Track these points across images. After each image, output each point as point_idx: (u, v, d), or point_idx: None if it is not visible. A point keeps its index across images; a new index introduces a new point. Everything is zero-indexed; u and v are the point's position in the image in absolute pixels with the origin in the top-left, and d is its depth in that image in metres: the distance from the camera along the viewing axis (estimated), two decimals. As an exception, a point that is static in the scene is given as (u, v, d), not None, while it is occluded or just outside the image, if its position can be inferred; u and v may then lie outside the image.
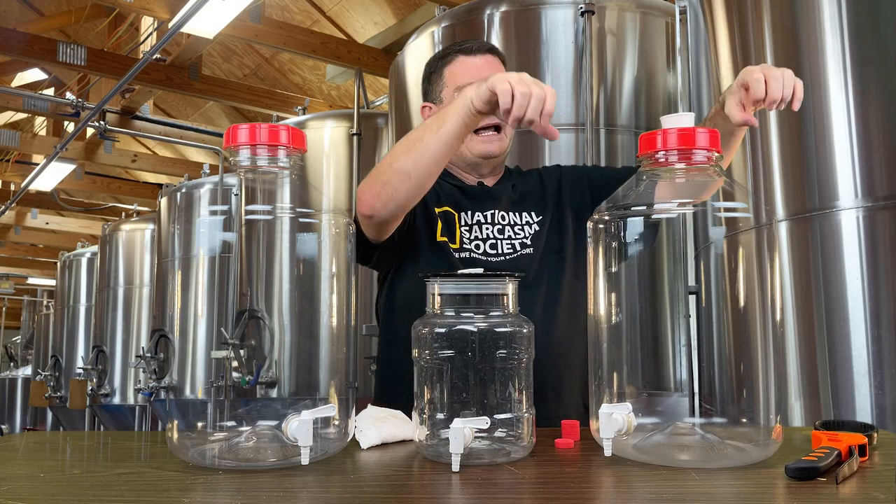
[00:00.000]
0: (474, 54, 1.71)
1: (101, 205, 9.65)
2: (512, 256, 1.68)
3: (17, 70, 7.59)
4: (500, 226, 1.70)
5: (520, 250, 1.68)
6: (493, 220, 1.70)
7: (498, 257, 1.67)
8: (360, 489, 0.93)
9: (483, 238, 1.68)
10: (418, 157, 1.42)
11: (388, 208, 1.47)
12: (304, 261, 1.11)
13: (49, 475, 0.98)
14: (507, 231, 1.70)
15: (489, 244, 1.68)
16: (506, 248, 1.68)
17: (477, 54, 1.71)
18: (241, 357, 1.08)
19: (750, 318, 1.06)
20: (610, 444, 1.01)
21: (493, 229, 1.69)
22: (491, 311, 1.06)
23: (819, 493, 0.84)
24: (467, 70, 1.70)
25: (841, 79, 2.03)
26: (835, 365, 1.94)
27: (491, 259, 1.66)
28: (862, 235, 1.97)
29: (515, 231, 1.70)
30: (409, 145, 1.44)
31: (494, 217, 1.70)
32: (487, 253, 1.67)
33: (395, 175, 1.44)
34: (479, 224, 1.69)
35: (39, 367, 8.53)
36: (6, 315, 13.35)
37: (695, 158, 1.06)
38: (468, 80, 1.67)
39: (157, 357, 5.19)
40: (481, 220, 1.70)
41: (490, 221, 1.70)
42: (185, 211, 5.32)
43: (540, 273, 1.66)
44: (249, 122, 1.10)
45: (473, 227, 1.69)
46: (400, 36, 5.42)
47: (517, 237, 1.70)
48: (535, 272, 1.65)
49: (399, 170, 1.44)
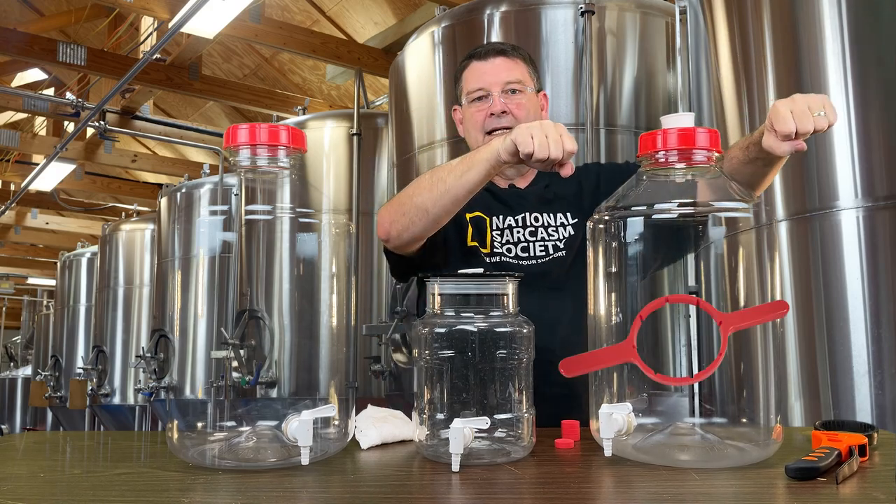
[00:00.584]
0: (484, 58, 1.71)
1: (101, 205, 9.65)
2: (544, 260, 1.66)
3: (17, 70, 7.59)
4: (532, 228, 1.69)
5: (552, 253, 1.67)
6: (525, 222, 1.69)
7: (530, 260, 1.66)
8: (360, 489, 0.93)
9: (514, 241, 1.67)
10: (438, 197, 1.48)
11: (402, 238, 1.55)
12: (304, 261, 1.11)
13: (49, 475, 0.98)
14: (539, 233, 1.68)
15: (521, 247, 1.67)
16: (538, 250, 1.67)
17: (486, 58, 1.71)
18: (241, 357, 1.08)
19: (750, 318, 1.05)
20: (610, 444, 1.01)
21: (525, 232, 1.68)
22: (491, 311, 1.06)
23: (819, 493, 0.84)
24: (477, 75, 1.71)
25: (841, 79, 2.03)
26: (835, 365, 1.94)
27: (523, 262, 1.65)
28: (862, 235, 1.97)
29: (549, 233, 1.69)
30: (433, 184, 1.49)
31: (526, 220, 1.69)
32: (519, 256, 1.66)
33: (414, 209, 1.50)
34: (511, 228, 1.68)
35: (39, 367, 8.53)
36: (6, 315, 13.36)
37: (695, 158, 1.06)
38: (477, 84, 1.70)
39: (157, 357, 5.19)
40: (512, 224, 1.69)
41: (521, 224, 1.69)
42: (185, 211, 5.33)
43: (571, 278, 1.64)
44: (249, 122, 1.10)
45: (505, 231, 1.68)
46: (400, 36, 5.42)
47: (550, 239, 1.68)
48: (566, 278, 1.64)
49: (419, 205, 1.50)
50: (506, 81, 1.69)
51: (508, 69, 1.71)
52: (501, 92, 1.68)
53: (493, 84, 1.69)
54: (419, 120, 3.26)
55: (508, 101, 1.68)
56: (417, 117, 3.27)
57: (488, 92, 1.69)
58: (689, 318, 1.19)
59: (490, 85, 1.69)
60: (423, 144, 3.22)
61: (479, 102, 1.70)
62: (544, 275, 1.63)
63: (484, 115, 1.69)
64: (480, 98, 1.70)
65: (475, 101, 1.71)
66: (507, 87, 1.69)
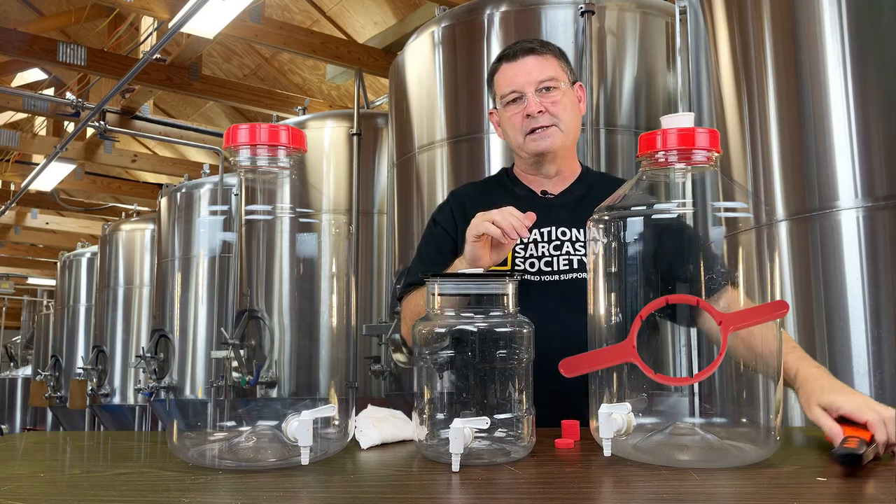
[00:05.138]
0: (513, 60, 1.69)
1: (101, 205, 9.64)
2: (568, 277, 1.64)
3: (17, 70, 7.59)
4: (558, 242, 1.66)
5: (577, 269, 1.64)
6: (550, 237, 1.67)
7: (553, 275, 1.64)
8: (360, 489, 0.93)
9: (538, 256, 1.66)
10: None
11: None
12: (304, 261, 1.11)
13: (49, 475, 0.98)
14: (565, 247, 1.66)
15: (544, 262, 1.65)
16: (562, 264, 1.64)
17: (516, 59, 1.69)
18: (241, 357, 1.08)
19: (750, 318, 1.05)
20: (609, 444, 1.01)
21: (550, 247, 1.66)
22: (491, 311, 1.06)
23: (819, 492, 0.84)
24: (509, 77, 1.69)
25: (841, 79, 2.03)
26: (835, 365, 1.94)
27: (545, 278, 1.63)
28: (862, 235, 1.97)
29: (576, 248, 1.66)
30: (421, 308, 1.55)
31: (552, 234, 1.67)
32: (542, 271, 1.64)
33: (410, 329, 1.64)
34: (536, 242, 1.66)
35: (39, 367, 8.53)
36: (6, 315, 13.35)
37: (694, 158, 1.06)
38: (509, 87, 1.68)
39: (157, 357, 5.19)
40: (538, 239, 1.67)
41: (546, 239, 1.67)
42: (185, 211, 5.33)
43: None
44: (249, 122, 1.10)
45: (529, 246, 1.66)
46: (400, 36, 5.42)
47: (577, 254, 1.65)
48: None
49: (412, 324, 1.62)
50: (538, 80, 1.66)
51: (540, 67, 1.68)
52: (535, 91, 1.66)
53: (525, 85, 1.66)
54: (419, 120, 3.26)
55: (543, 99, 1.65)
56: (417, 117, 3.27)
57: (522, 93, 1.66)
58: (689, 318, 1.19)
59: (523, 86, 1.66)
60: (424, 144, 3.22)
61: (514, 105, 1.68)
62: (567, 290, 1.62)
63: (521, 118, 1.67)
64: (515, 101, 1.68)
65: (510, 105, 1.68)
66: (541, 86, 1.66)
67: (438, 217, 1.79)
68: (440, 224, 1.77)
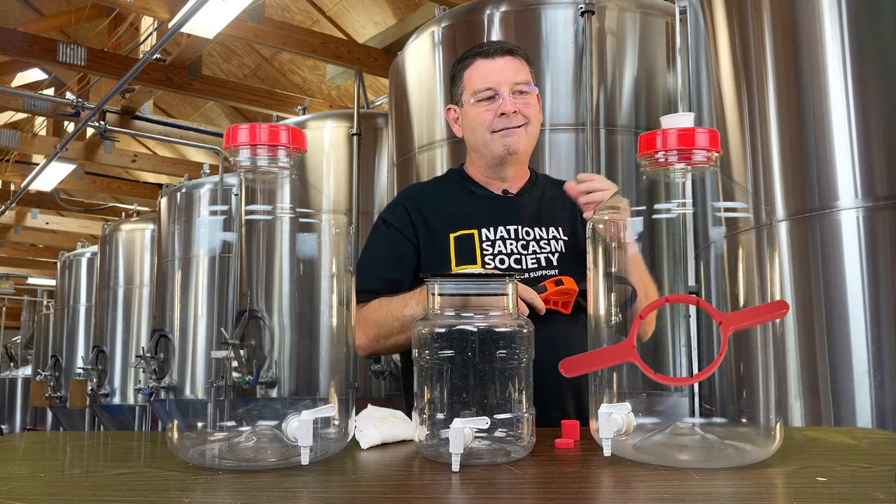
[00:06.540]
0: (492, 56, 1.70)
1: (101, 205, 9.65)
2: (537, 274, 1.65)
3: (17, 70, 7.59)
4: (524, 241, 1.68)
5: (545, 266, 1.66)
6: (517, 235, 1.68)
7: (522, 273, 1.64)
8: (360, 489, 0.93)
9: (507, 253, 1.66)
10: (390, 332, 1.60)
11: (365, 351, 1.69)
12: (304, 261, 1.11)
13: (49, 475, 0.98)
14: (531, 246, 1.67)
15: (514, 259, 1.66)
16: (530, 262, 1.66)
17: (493, 57, 1.70)
18: (241, 357, 1.08)
19: (750, 318, 1.05)
20: (609, 444, 1.01)
21: (517, 244, 1.67)
22: (491, 311, 1.06)
23: (819, 493, 0.84)
24: (484, 73, 1.69)
25: (841, 79, 2.03)
26: (835, 365, 1.94)
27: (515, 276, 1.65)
28: (862, 235, 1.97)
29: (541, 246, 1.68)
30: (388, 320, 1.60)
31: (518, 233, 1.68)
32: (512, 268, 1.65)
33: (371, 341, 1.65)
34: (503, 239, 1.67)
35: (39, 367, 8.54)
36: (6, 315, 13.36)
37: (694, 158, 1.06)
38: (485, 84, 1.68)
39: (157, 357, 5.19)
40: (504, 236, 1.67)
41: (514, 237, 1.68)
42: (185, 211, 5.33)
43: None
44: (249, 122, 1.10)
45: (497, 243, 1.66)
46: (400, 36, 5.42)
47: (543, 251, 1.67)
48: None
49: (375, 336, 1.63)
50: (514, 82, 1.67)
51: (516, 69, 1.69)
52: (510, 92, 1.67)
53: (501, 83, 1.67)
54: (419, 120, 3.26)
55: (517, 100, 1.67)
56: (417, 117, 3.27)
57: (497, 91, 1.67)
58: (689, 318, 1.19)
59: (499, 84, 1.67)
60: (423, 144, 3.22)
61: (487, 102, 1.68)
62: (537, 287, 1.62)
63: (493, 115, 1.67)
64: (489, 98, 1.68)
65: (483, 101, 1.68)
66: (516, 88, 1.67)
67: (390, 218, 1.75)
68: (394, 226, 1.73)
